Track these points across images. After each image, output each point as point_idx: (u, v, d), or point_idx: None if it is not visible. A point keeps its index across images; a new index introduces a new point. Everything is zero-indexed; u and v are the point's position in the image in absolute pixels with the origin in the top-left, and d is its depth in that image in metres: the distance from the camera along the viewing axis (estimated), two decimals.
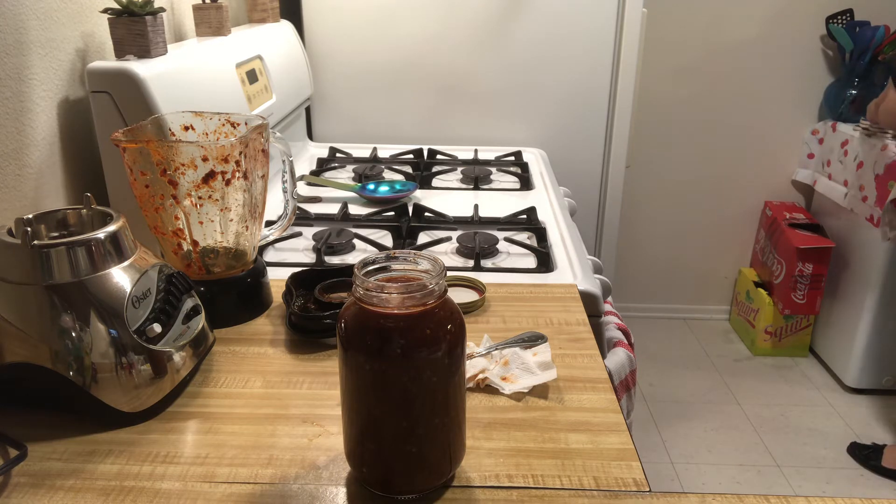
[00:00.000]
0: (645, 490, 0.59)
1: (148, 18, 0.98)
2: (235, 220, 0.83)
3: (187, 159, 0.77)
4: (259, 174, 0.84)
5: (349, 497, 0.59)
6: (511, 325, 0.86)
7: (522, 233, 1.19)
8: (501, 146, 1.77)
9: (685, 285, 2.78)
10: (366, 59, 1.74)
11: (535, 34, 1.71)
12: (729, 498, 0.58)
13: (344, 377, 0.56)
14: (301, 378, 0.75)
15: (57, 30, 0.94)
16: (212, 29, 1.28)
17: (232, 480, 0.60)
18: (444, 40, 1.72)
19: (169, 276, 0.73)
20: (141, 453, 0.63)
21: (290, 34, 1.63)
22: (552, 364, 0.74)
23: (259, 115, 1.00)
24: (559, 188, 1.49)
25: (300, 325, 0.82)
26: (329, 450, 0.64)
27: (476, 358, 0.76)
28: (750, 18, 2.38)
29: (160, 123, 0.86)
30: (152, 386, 0.68)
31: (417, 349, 0.53)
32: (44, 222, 0.71)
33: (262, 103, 1.33)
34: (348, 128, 1.81)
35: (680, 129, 2.54)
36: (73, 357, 0.64)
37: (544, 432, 0.66)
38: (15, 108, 0.86)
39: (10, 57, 0.85)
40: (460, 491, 0.59)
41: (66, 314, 0.64)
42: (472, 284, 0.93)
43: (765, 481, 1.96)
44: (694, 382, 2.42)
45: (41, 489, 0.59)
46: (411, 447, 0.56)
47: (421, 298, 0.53)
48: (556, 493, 0.59)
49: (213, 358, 0.78)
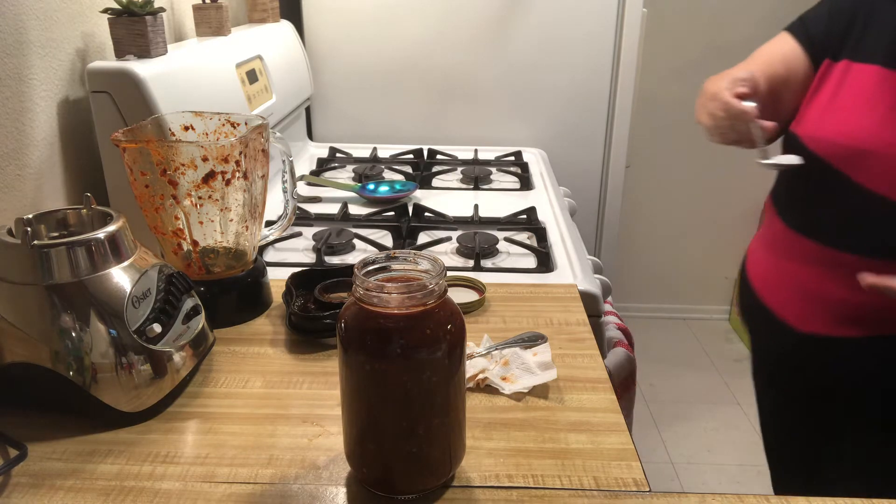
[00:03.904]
0: (645, 490, 0.59)
1: (148, 18, 0.98)
2: (235, 220, 0.83)
3: (187, 159, 0.77)
4: (259, 174, 0.84)
5: (349, 497, 0.59)
6: (511, 325, 0.85)
7: (522, 233, 1.19)
8: (501, 146, 1.76)
9: (685, 285, 2.78)
10: (366, 59, 1.74)
11: (535, 34, 1.71)
12: (729, 498, 0.58)
13: (344, 377, 0.56)
14: (301, 378, 0.75)
15: (57, 30, 0.94)
16: (212, 29, 1.28)
17: (232, 480, 0.60)
18: (444, 40, 1.71)
19: (169, 276, 0.73)
20: (141, 453, 0.63)
21: (290, 34, 1.63)
22: (552, 364, 0.74)
23: (259, 115, 1.00)
24: (559, 188, 1.49)
25: (300, 325, 0.81)
26: (329, 450, 0.64)
27: (476, 358, 0.76)
28: (750, 18, 2.38)
29: (160, 123, 0.86)
30: (152, 386, 0.68)
31: (417, 349, 0.53)
32: (44, 222, 0.71)
33: (262, 103, 1.33)
34: (348, 128, 1.81)
35: (680, 129, 2.54)
36: (73, 357, 0.64)
37: (544, 432, 0.66)
38: (15, 108, 0.86)
39: (10, 57, 0.85)
40: (460, 491, 0.59)
41: (66, 314, 0.64)
42: (472, 284, 0.93)
43: (765, 481, 1.95)
44: (694, 382, 2.42)
45: (41, 489, 0.59)
46: (411, 447, 0.56)
47: (421, 298, 0.53)
48: (556, 493, 0.59)
49: (213, 358, 0.78)
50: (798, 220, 1.01)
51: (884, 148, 0.90)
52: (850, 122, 0.93)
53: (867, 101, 0.92)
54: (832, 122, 0.95)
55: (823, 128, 0.96)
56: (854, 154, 0.91)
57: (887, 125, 0.90)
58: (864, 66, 0.93)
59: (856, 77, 0.93)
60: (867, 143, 0.90)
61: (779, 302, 1.04)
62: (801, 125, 1.00)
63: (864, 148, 0.90)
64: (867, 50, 0.93)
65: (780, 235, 1.04)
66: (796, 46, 1.03)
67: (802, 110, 1.01)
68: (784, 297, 1.03)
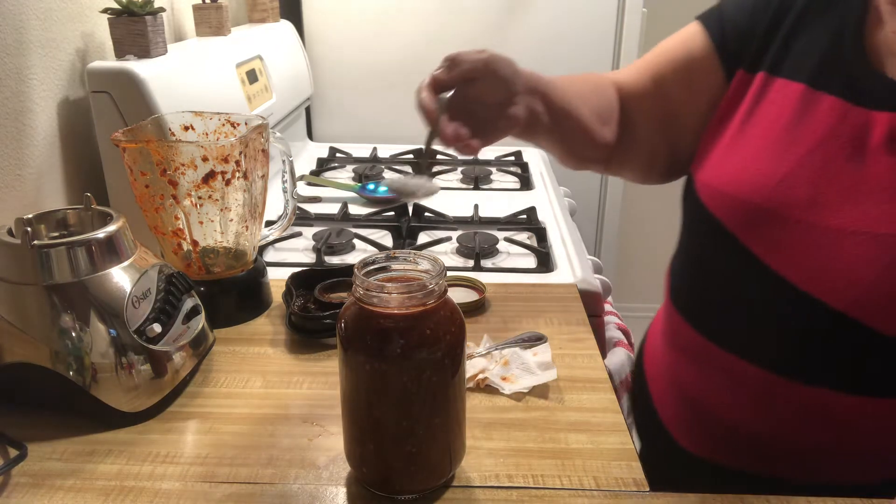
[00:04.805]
0: (645, 490, 0.59)
1: (148, 18, 0.98)
2: (235, 220, 0.83)
3: (187, 159, 0.77)
4: (259, 174, 0.84)
5: (349, 497, 0.59)
6: (511, 325, 0.85)
7: (522, 233, 1.19)
8: (501, 146, 1.76)
9: None
10: (366, 58, 1.74)
11: (535, 34, 1.71)
12: (729, 498, 0.58)
13: (344, 377, 0.56)
14: (301, 378, 0.75)
15: (57, 30, 0.94)
16: (212, 29, 1.28)
17: (232, 480, 0.60)
18: (445, 40, 1.71)
19: (169, 276, 0.73)
20: (141, 453, 0.63)
21: (290, 34, 1.63)
22: (552, 364, 0.74)
23: (259, 115, 1.00)
24: (559, 188, 1.49)
25: (300, 325, 0.81)
26: (329, 450, 0.64)
27: (476, 358, 0.76)
28: None
29: (160, 123, 0.86)
30: (152, 386, 0.68)
31: (417, 349, 0.53)
32: (44, 222, 0.71)
33: (262, 103, 1.33)
34: (348, 128, 1.81)
35: None
36: (72, 357, 0.64)
37: (544, 432, 0.66)
38: (15, 108, 0.86)
39: (10, 57, 0.85)
40: (460, 491, 0.59)
41: (66, 314, 0.64)
42: (472, 284, 0.93)
43: None
44: None
45: (41, 489, 0.59)
46: (411, 447, 0.56)
47: (421, 298, 0.53)
48: (556, 493, 0.59)
49: (213, 358, 0.78)
50: (690, 306, 0.76)
51: (788, 209, 0.64)
52: (755, 168, 0.67)
53: (782, 137, 0.66)
54: (732, 165, 0.69)
55: (722, 173, 0.70)
56: (751, 216, 0.66)
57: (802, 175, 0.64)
58: (788, 82, 0.68)
59: (775, 99, 0.69)
60: (770, 200, 0.65)
61: (669, 416, 0.79)
62: (699, 166, 0.74)
63: (764, 206, 0.65)
64: (791, 65, 0.69)
65: (674, 325, 0.78)
66: (707, 44, 0.76)
67: (703, 145, 0.75)
68: (673, 409, 0.78)
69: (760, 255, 0.66)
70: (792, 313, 0.65)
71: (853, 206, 0.61)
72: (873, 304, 0.60)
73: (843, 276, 0.61)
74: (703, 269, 0.75)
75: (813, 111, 0.66)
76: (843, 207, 0.62)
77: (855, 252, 0.60)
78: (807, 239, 0.63)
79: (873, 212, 0.60)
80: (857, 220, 0.61)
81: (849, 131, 0.63)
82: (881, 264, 0.59)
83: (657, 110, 0.80)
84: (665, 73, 0.79)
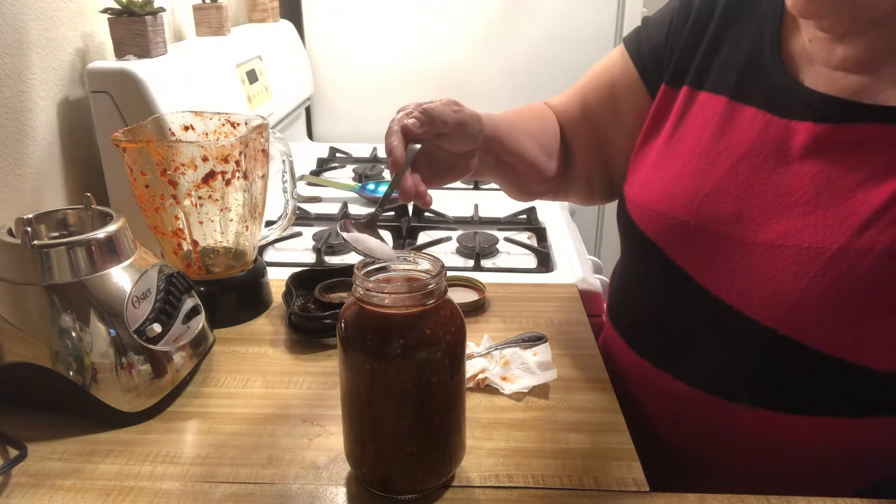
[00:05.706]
0: (645, 490, 0.59)
1: (148, 18, 0.98)
2: (235, 220, 0.83)
3: (187, 159, 0.77)
4: (259, 174, 0.84)
5: (349, 497, 0.59)
6: (511, 325, 0.85)
7: (522, 233, 1.19)
8: None
9: None
10: (366, 58, 1.74)
11: (535, 35, 1.71)
12: (729, 498, 0.58)
13: (344, 377, 0.56)
14: (301, 378, 0.75)
15: (57, 30, 0.94)
16: (212, 29, 1.28)
17: (232, 480, 0.60)
18: (445, 40, 1.71)
19: (169, 276, 0.73)
20: (141, 453, 0.63)
21: (290, 34, 1.63)
22: (552, 364, 0.74)
23: (259, 115, 1.00)
24: None
25: (300, 325, 0.81)
26: (329, 450, 0.64)
27: (476, 358, 0.76)
28: None
29: (160, 123, 0.86)
30: (152, 386, 0.68)
31: (417, 349, 0.53)
32: (44, 222, 0.71)
33: (262, 103, 1.33)
34: (348, 128, 1.81)
35: None
36: (73, 357, 0.64)
37: (544, 432, 0.66)
38: (15, 108, 0.86)
39: (10, 57, 0.85)
40: (460, 491, 0.59)
41: (66, 314, 0.64)
42: (472, 284, 0.93)
43: None
44: None
45: (41, 489, 0.59)
46: (411, 447, 0.56)
47: (421, 298, 0.53)
48: (556, 493, 0.59)
49: (213, 358, 0.78)
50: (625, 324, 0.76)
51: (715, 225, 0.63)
52: (681, 184, 0.66)
53: (707, 151, 0.66)
54: (660, 182, 0.69)
55: (651, 191, 0.69)
56: (681, 233, 0.65)
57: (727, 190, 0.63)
58: (711, 95, 0.68)
59: (699, 113, 0.68)
60: (698, 217, 0.64)
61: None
62: (629, 184, 0.74)
63: (693, 223, 0.64)
64: (713, 78, 0.68)
65: (612, 342, 0.79)
66: (628, 65, 0.77)
67: (633, 162, 0.75)
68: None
69: (692, 272, 0.65)
70: (726, 332, 0.63)
71: (777, 220, 0.60)
72: (802, 320, 0.58)
73: (770, 292, 0.59)
74: (638, 287, 0.74)
75: (736, 124, 0.65)
76: (768, 221, 0.61)
77: (781, 267, 0.59)
78: (735, 255, 0.62)
79: (797, 224, 0.59)
80: (782, 234, 0.60)
81: (771, 143, 0.62)
82: (807, 279, 0.58)
83: (588, 135, 0.80)
84: (590, 99, 0.80)
